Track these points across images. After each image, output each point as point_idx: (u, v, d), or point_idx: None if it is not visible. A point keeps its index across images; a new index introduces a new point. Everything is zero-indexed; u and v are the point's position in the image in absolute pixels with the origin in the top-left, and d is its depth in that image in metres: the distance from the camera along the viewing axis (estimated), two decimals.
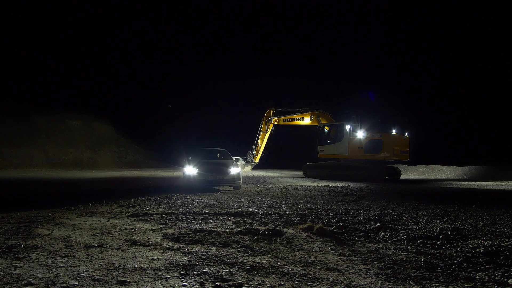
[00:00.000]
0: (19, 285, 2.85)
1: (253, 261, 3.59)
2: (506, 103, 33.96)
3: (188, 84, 40.34)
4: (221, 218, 6.01)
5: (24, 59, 30.27)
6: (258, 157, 23.25)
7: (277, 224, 5.54)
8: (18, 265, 3.36)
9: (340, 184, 13.89)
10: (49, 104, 28.71)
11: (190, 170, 11.00)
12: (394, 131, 17.81)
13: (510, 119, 32.44)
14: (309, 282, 3.03)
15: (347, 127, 17.75)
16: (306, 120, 20.37)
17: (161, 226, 5.28)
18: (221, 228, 5.17)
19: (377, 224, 5.48)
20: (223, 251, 3.98)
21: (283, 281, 3.06)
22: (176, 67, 40.67)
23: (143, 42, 37.73)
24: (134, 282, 2.96)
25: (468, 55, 40.21)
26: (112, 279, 3.02)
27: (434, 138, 32.46)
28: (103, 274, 3.13)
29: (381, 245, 4.37)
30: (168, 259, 3.61)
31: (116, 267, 3.35)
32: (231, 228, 5.18)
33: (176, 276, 3.12)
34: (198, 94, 38.67)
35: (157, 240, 4.43)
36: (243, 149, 24.08)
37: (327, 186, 12.94)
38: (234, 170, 11.18)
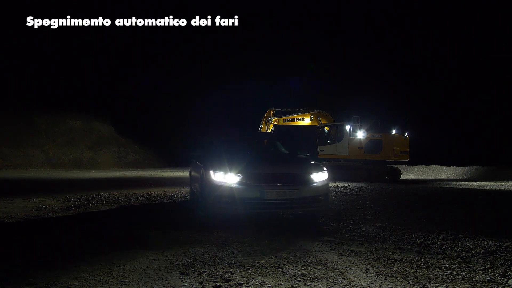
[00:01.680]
0: (19, 285, 2.85)
1: (253, 261, 3.59)
2: (506, 103, 33.98)
3: (188, 84, 40.36)
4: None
5: (24, 58, 30.26)
6: None
7: (277, 224, 5.55)
8: None
9: (340, 184, 13.88)
10: (49, 104, 28.68)
11: (221, 176, 5.07)
12: (394, 131, 17.80)
13: (510, 119, 32.44)
14: (309, 282, 3.04)
15: (347, 127, 17.74)
16: (306, 120, 20.35)
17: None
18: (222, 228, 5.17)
19: (377, 224, 5.49)
20: (223, 250, 3.98)
21: (283, 281, 3.06)
22: (176, 67, 40.71)
23: (143, 42, 37.75)
24: (134, 282, 2.96)
25: (469, 54, 40.27)
26: (112, 279, 3.02)
27: (434, 138, 32.46)
28: (103, 274, 3.13)
29: (381, 245, 4.38)
30: (168, 259, 3.61)
31: (116, 267, 3.35)
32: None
33: (176, 276, 3.12)
34: (197, 94, 38.71)
35: (157, 239, 4.43)
36: None
37: None
38: (318, 177, 5.41)
